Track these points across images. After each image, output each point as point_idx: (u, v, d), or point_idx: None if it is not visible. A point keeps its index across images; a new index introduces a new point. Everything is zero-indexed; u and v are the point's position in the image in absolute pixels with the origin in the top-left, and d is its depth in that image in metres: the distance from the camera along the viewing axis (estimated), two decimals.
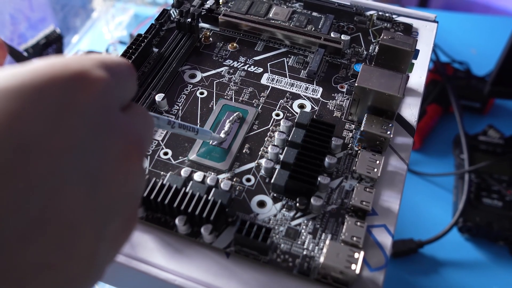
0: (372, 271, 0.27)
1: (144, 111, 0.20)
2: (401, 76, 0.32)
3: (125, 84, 0.18)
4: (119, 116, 0.17)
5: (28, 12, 0.68)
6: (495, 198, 0.60)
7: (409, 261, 0.59)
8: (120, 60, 0.18)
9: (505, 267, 0.58)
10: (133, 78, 0.19)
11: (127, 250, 0.28)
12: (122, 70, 0.18)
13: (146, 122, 0.19)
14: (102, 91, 0.16)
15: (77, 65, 0.16)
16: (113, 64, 0.18)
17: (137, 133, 0.18)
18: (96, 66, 0.16)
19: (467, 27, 0.91)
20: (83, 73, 0.15)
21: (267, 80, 0.37)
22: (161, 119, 0.23)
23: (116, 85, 0.17)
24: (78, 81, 0.15)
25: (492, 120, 0.72)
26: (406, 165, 0.32)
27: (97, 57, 0.17)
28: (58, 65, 0.15)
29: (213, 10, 0.42)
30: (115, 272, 0.29)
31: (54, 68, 0.15)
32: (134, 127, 0.18)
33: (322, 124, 0.32)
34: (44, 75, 0.15)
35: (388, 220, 0.29)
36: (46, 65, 0.15)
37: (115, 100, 0.17)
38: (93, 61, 0.16)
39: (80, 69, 0.15)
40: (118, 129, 0.16)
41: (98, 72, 0.16)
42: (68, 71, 0.15)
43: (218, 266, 0.27)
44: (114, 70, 0.17)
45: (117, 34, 0.81)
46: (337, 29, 0.42)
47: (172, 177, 0.30)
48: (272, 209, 0.29)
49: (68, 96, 0.15)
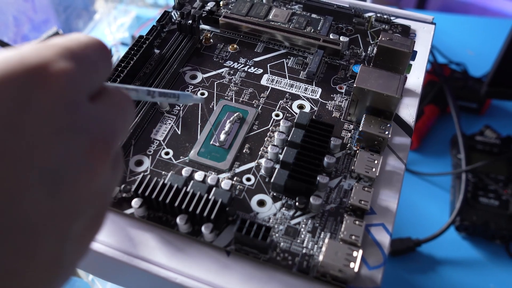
0: (370, 269, 0.27)
1: (118, 95, 0.18)
2: (399, 77, 0.32)
3: (95, 69, 0.16)
4: (86, 108, 0.15)
5: (31, 14, 0.68)
6: (492, 198, 0.60)
7: (407, 259, 0.59)
8: (88, 42, 0.16)
9: (501, 265, 0.58)
10: (106, 59, 0.17)
11: (129, 249, 0.28)
12: (90, 54, 0.16)
13: (120, 108, 0.17)
14: (64, 86, 0.14)
15: (34, 58, 0.14)
16: (80, 49, 0.16)
17: (106, 126, 0.16)
18: (58, 56, 0.15)
19: (464, 29, 0.91)
20: (41, 67, 0.14)
21: (267, 81, 0.37)
22: (140, 90, 0.22)
23: (83, 74, 0.15)
24: (35, 76, 0.14)
25: (489, 121, 0.72)
26: (404, 165, 0.32)
27: (60, 44, 0.15)
28: (13, 59, 0.14)
29: (213, 12, 0.42)
30: (116, 270, 0.29)
31: (8, 64, 0.13)
32: (104, 119, 0.16)
33: (321, 124, 0.32)
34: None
35: (386, 219, 0.29)
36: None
37: (80, 92, 0.15)
38: (55, 50, 0.15)
39: (38, 63, 0.14)
40: (82, 125, 0.15)
41: (59, 64, 0.14)
42: (24, 66, 0.14)
43: (219, 264, 0.27)
44: (80, 57, 0.16)
45: (119, 36, 0.81)
46: (336, 30, 0.42)
47: (173, 176, 0.30)
48: (272, 208, 0.29)
49: (24, 94, 0.13)
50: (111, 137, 0.16)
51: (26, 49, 0.14)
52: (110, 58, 0.18)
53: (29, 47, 0.15)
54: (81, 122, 0.15)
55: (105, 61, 0.17)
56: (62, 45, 0.15)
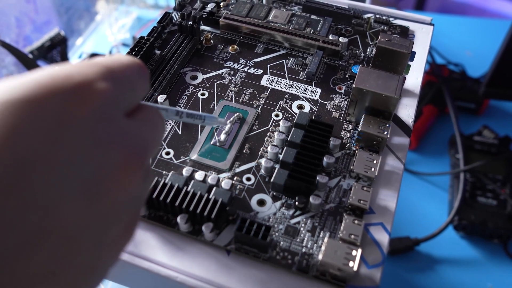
0: (369, 268, 0.27)
1: (152, 112, 0.19)
2: (398, 77, 0.32)
3: (133, 89, 0.18)
4: (122, 124, 0.16)
5: (33, 15, 0.68)
6: (490, 197, 0.60)
7: (406, 258, 0.59)
8: (128, 63, 0.18)
9: (499, 264, 0.58)
10: (144, 79, 0.19)
11: (130, 248, 0.28)
12: (129, 75, 0.18)
13: (153, 125, 0.19)
14: (104, 103, 0.15)
15: (79, 77, 0.15)
16: (119, 70, 0.17)
17: (140, 140, 0.17)
18: (100, 75, 0.16)
19: (462, 30, 0.91)
20: (85, 85, 0.15)
21: (267, 81, 0.37)
22: (170, 110, 0.23)
23: (121, 93, 0.17)
24: (80, 93, 0.15)
25: (487, 121, 0.72)
26: (402, 165, 0.32)
27: (103, 64, 0.16)
28: (60, 76, 0.15)
29: (214, 13, 0.42)
30: (118, 270, 0.29)
31: (55, 80, 0.15)
32: (138, 134, 0.17)
33: (320, 124, 0.32)
34: (45, 87, 0.14)
35: (385, 218, 0.29)
36: (48, 76, 0.15)
37: (118, 109, 0.16)
38: (98, 70, 0.16)
39: (83, 81, 0.15)
40: (119, 139, 0.16)
41: (100, 84, 0.16)
42: (69, 83, 0.15)
43: (219, 263, 0.27)
44: (119, 77, 0.17)
45: (120, 37, 0.81)
46: (335, 31, 0.42)
47: (174, 176, 0.30)
48: (272, 207, 0.29)
49: (68, 109, 0.14)
50: (144, 151, 0.17)
51: (72, 67, 0.16)
52: (147, 79, 0.19)
53: (75, 66, 0.16)
54: (118, 136, 0.16)
55: (142, 81, 0.19)
56: (104, 65, 0.16)
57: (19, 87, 0.14)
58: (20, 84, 0.14)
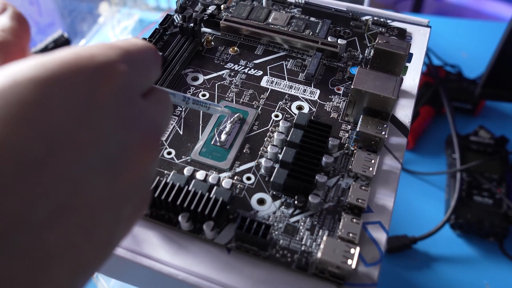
0: (367, 266, 0.27)
1: (164, 95, 0.20)
2: (395, 78, 0.32)
3: (148, 71, 0.18)
4: (140, 105, 0.17)
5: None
6: (486, 196, 0.60)
7: (403, 256, 0.59)
8: (144, 47, 0.18)
9: (495, 262, 0.58)
10: (157, 63, 0.19)
11: (133, 246, 0.28)
12: (145, 58, 0.18)
13: (165, 107, 0.19)
14: (125, 83, 0.16)
15: (102, 57, 0.15)
16: (137, 53, 0.17)
17: (155, 121, 0.18)
18: (120, 57, 0.16)
19: (459, 32, 0.91)
20: (108, 66, 0.15)
21: (267, 82, 0.37)
22: (177, 95, 0.24)
23: (139, 75, 0.17)
24: (103, 73, 0.15)
25: (483, 121, 0.72)
26: (400, 164, 0.32)
27: (122, 47, 0.17)
28: (85, 56, 0.15)
29: (214, 15, 0.42)
30: (120, 267, 0.29)
31: (80, 59, 0.15)
32: (153, 115, 0.18)
33: (319, 125, 0.32)
34: (71, 66, 0.14)
35: (383, 217, 0.29)
36: (73, 56, 0.15)
37: (137, 90, 0.17)
38: (119, 52, 0.16)
39: (106, 61, 0.15)
40: (138, 120, 0.16)
41: (121, 64, 0.16)
42: (94, 63, 0.15)
43: (220, 261, 0.27)
44: (137, 60, 0.17)
45: (123, 39, 0.81)
46: (334, 33, 0.42)
47: (175, 175, 0.30)
48: (272, 206, 0.29)
49: (93, 88, 0.15)
50: (159, 132, 0.18)
51: (94, 48, 0.16)
52: (160, 62, 0.20)
53: (97, 46, 0.16)
54: (137, 116, 0.16)
55: (156, 65, 0.19)
56: (124, 48, 0.17)
57: (46, 65, 0.14)
58: (46, 62, 0.14)
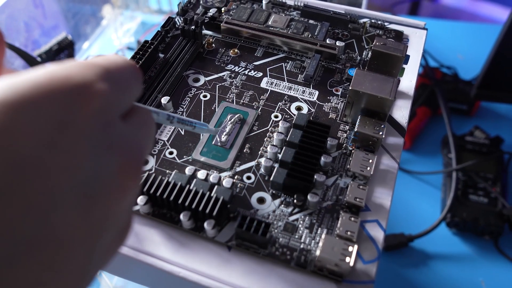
0: (365, 263, 0.27)
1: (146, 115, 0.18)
2: (393, 80, 0.32)
3: (129, 91, 0.17)
4: (119, 128, 0.15)
5: (42, 20, 0.68)
6: (481, 195, 0.60)
7: (400, 254, 0.59)
8: (124, 65, 0.17)
9: (490, 260, 0.58)
10: (138, 81, 0.17)
11: (135, 244, 0.28)
12: (126, 77, 0.16)
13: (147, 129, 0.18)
14: (103, 105, 0.14)
15: (79, 77, 0.14)
16: (117, 72, 0.16)
17: (136, 145, 0.16)
18: (98, 76, 0.15)
19: (455, 34, 0.91)
20: (85, 86, 0.14)
21: (267, 83, 0.37)
22: (161, 114, 0.22)
23: (118, 95, 0.15)
24: (79, 95, 0.14)
25: (478, 122, 0.72)
26: (397, 164, 0.32)
27: (101, 64, 0.15)
28: (59, 76, 0.13)
29: (215, 18, 0.42)
30: (123, 265, 0.29)
31: (54, 80, 0.13)
32: (134, 138, 0.16)
33: (318, 125, 0.32)
34: (44, 87, 0.13)
35: (380, 215, 0.29)
36: (46, 76, 0.13)
37: (116, 111, 0.15)
38: (96, 71, 0.15)
39: (82, 82, 0.14)
40: (116, 144, 0.15)
41: (99, 84, 0.14)
42: (69, 84, 0.13)
43: (220, 259, 0.27)
44: (117, 79, 0.16)
45: (125, 41, 0.81)
46: (332, 35, 0.42)
47: (177, 175, 0.30)
48: (271, 205, 0.29)
49: (68, 112, 0.13)
50: (140, 156, 0.16)
51: (71, 67, 0.14)
52: (141, 80, 0.18)
53: (73, 65, 0.14)
54: (116, 140, 0.15)
55: (137, 82, 0.17)
56: (102, 66, 0.15)
57: (15, 87, 0.13)
58: (16, 83, 0.13)
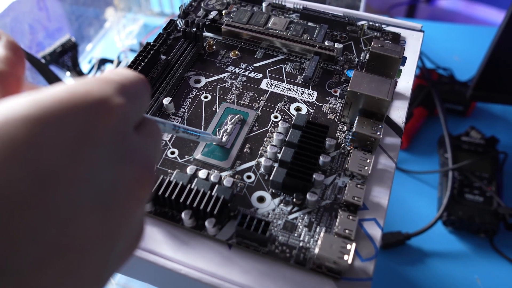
0: (363, 261, 0.27)
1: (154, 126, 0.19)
2: (390, 81, 0.32)
3: (142, 103, 0.17)
4: (134, 140, 0.16)
5: (46, 22, 0.68)
6: (477, 194, 0.60)
7: (397, 252, 0.59)
8: (136, 80, 0.17)
9: (486, 257, 0.58)
10: (148, 94, 0.18)
11: None
12: (138, 91, 0.17)
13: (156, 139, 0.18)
14: (120, 119, 0.15)
15: (98, 93, 0.15)
16: (131, 86, 0.17)
17: (148, 157, 0.17)
18: (115, 91, 0.15)
19: (451, 36, 0.91)
20: (104, 101, 0.15)
21: (266, 85, 0.37)
22: (167, 124, 0.23)
23: (133, 108, 0.16)
24: (98, 109, 0.14)
25: (474, 122, 0.72)
26: (394, 164, 0.32)
27: (117, 81, 0.16)
28: (80, 92, 0.14)
29: (216, 20, 0.42)
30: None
31: (75, 96, 0.14)
32: (147, 149, 0.17)
33: (317, 125, 0.32)
34: (66, 102, 0.14)
35: (378, 214, 0.29)
36: (68, 92, 0.14)
37: (131, 124, 0.16)
38: (113, 86, 0.15)
39: (101, 97, 0.15)
40: (133, 156, 0.16)
41: (117, 99, 0.15)
42: (89, 99, 0.14)
43: (221, 257, 0.27)
44: (131, 93, 0.16)
45: (128, 43, 0.81)
46: (330, 37, 0.42)
47: (178, 174, 0.30)
48: (271, 204, 0.29)
49: (88, 125, 0.14)
50: (153, 166, 0.17)
51: (89, 83, 0.15)
52: (149, 92, 0.19)
53: (92, 81, 0.15)
54: (131, 151, 0.16)
55: (147, 95, 0.18)
56: (118, 82, 0.16)
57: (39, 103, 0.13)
58: (40, 99, 0.13)
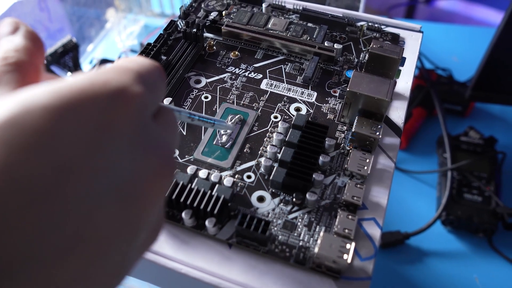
0: (362, 260, 0.27)
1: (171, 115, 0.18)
2: (389, 81, 0.32)
3: (158, 91, 0.17)
4: (153, 129, 0.16)
5: (47, 23, 0.68)
6: (475, 194, 0.60)
7: (396, 251, 0.59)
8: (153, 68, 0.17)
9: (484, 257, 0.58)
10: (164, 82, 0.18)
11: None
12: (155, 79, 0.17)
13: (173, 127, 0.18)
14: (139, 108, 0.15)
15: (116, 82, 0.14)
16: (148, 74, 0.16)
17: (167, 146, 0.17)
18: (133, 80, 0.15)
19: (450, 37, 0.91)
20: (123, 90, 0.14)
21: (266, 85, 0.37)
22: (183, 112, 0.23)
23: (151, 96, 0.16)
24: (118, 99, 0.14)
25: (473, 122, 0.72)
26: (393, 163, 0.32)
27: (135, 70, 0.16)
28: (99, 81, 0.14)
29: (216, 21, 0.42)
30: None
31: (95, 85, 0.14)
32: (165, 139, 0.16)
33: (316, 125, 0.32)
34: (85, 92, 0.13)
35: (377, 213, 0.29)
36: (87, 82, 0.14)
37: (149, 112, 0.16)
38: (132, 75, 0.15)
39: (120, 86, 0.14)
40: (152, 146, 0.15)
41: (136, 88, 0.15)
42: (108, 89, 0.14)
43: (221, 256, 0.27)
44: (148, 82, 0.16)
45: (129, 43, 0.81)
46: (330, 38, 0.42)
47: (179, 174, 0.30)
48: (271, 203, 0.29)
49: (107, 115, 0.14)
50: (172, 156, 0.17)
51: (108, 72, 0.15)
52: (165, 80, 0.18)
53: (110, 71, 0.15)
54: (151, 141, 0.15)
55: (163, 83, 0.18)
56: (135, 70, 0.16)
57: (59, 92, 0.13)
58: (60, 89, 0.13)
